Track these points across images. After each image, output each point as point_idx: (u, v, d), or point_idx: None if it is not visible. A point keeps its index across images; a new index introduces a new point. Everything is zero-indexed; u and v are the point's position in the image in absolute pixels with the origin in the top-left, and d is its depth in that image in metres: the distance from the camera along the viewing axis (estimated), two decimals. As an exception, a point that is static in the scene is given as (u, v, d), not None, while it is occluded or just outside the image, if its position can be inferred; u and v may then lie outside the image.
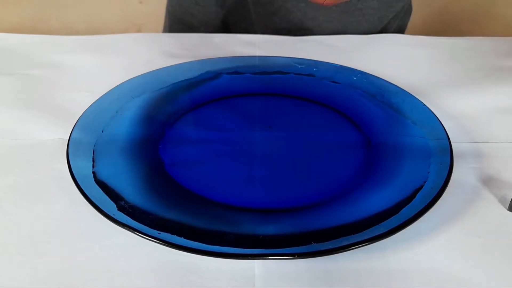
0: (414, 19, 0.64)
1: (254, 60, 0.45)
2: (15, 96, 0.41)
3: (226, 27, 0.61)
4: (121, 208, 0.27)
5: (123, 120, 0.36)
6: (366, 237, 0.24)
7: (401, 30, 0.63)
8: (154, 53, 0.49)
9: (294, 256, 0.24)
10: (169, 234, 0.25)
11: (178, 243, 0.24)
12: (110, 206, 0.27)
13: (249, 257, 0.24)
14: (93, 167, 0.30)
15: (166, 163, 0.32)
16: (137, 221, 0.26)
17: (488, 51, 0.51)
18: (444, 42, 0.53)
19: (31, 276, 0.24)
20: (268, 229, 0.26)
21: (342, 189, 0.30)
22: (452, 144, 0.32)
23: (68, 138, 0.32)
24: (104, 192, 0.28)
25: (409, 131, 0.35)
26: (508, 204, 0.29)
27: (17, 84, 0.43)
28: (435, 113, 0.36)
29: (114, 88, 0.39)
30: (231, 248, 0.24)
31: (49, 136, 0.35)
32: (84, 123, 0.34)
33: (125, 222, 0.25)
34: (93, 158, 0.31)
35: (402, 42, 0.53)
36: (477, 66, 0.48)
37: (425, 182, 0.29)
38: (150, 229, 0.25)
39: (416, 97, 0.38)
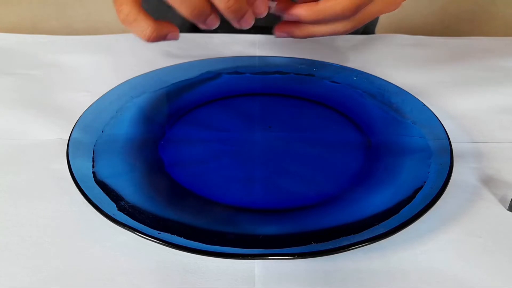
0: (414, 19, 0.64)
1: (254, 60, 0.45)
2: (15, 96, 0.41)
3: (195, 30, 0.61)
4: (121, 208, 0.27)
5: (123, 120, 0.36)
6: (366, 237, 0.24)
7: (370, 26, 0.63)
8: (154, 53, 0.49)
9: (294, 256, 0.24)
10: (169, 234, 0.25)
11: (178, 243, 0.24)
12: (110, 206, 0.27)
13: (249, 257, 0.24)
14: (93, 167, 0.30)
15: (166, 163, 0.32)
16: (137, 221, 0.26)
17: (488, 51, 0.51)
18: (444, 42, 0.53)
19: (31, 276, 0.24)
20: (268, 229, 0.26)
21: (342, 189, 0.30)
22: (452, 144, 0.32)
23: (68, 138, 0.32)
24: (104, 192, 0.28)
25: (409, 131, 0.35)
26: (508, 204, 0.29)
27: (17, 84, 0.43)
28: (435, 113, 0.36)
29: (114, 88, 0.39)
30: (231, 248, 0.24)
31: (49, 136, 0.35)
32: (84, 123, 0.34)
33: (125, 222, 0.25)
34: (93, 158, 0.31)
35: (402, 42, 0.53)
36: (477, 66, 0.48)
37: (425, 182, 0.29)
38: (150, 229, 0.25)
39: (416, 97, 0.38)
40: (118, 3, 0.28)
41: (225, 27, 0.56)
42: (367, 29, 0.64)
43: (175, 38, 0.29)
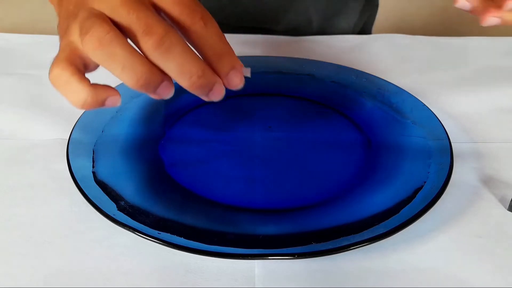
0: (414, 19, 0.64)
1: (254, 60, 0.45)
2: (15, 96, 0.41)
3: None
4: (121, 208, 0.27)
5: (123, 120, 0.36)
6: (366, 237, 0.24)
7: (368, 24, 0.63)
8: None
9: (294, 256, 0.24)
10: (169, 234, 0.25)
11: (178, 243, 0.24)
12: (110, 206, 0.27)
13: (249, 257, 0.24)
14: (93, 167, 0.30)
15: (166, 163, 0.32)
16: (137, 221, 0.26)
17: (488, 51, 0.51)
18: (444, 42, 0.53)
19: (31, 276, 0.24)
20: (268, 229, 0.26)
21: (342, 189, 0.30)
22: (452, 144, 0.32)
23: (68, 138, 0.32)
24: (104, 192, 0.28)
25: (409, 131, 0.35)
26: (508, 204, 0.29)
27: (17, 84, 0.43)
28: (435, 113, 0.36)
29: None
30: (231, 248, 0.24)
31: (49, 136, 0.35)
32: (84, 123, 0.34)
33: (125, 222, 0.25)
34: (93, 158, 0.31)
35: (402, 42, 0.53)
36: (477, 66, 0.48)
37: (425, 182, 0.29)
38: (150, 229, 0.25)
39: (416, 97, 0.38)
40: (54, 63, 0.23)
41: (225, 28, 0.57)
42: (364, 29, 0.64)
43: (115, 104, 0.24)
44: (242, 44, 0.51)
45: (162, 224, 0.26)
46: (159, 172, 0.32)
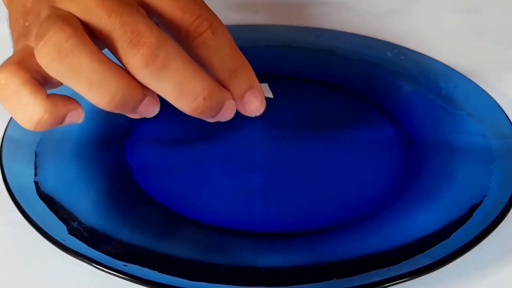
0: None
1: (255, 30, 0.45)
2: None
3: None
4: (73, 231, 0.26)
5: (77, 111, 0.36)
6: (405, 270, 0.24)
7: None
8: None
9: (307, 295, 0.24)
10: (138, 266, 0.25)
11: (151, 279, 0.24)
12: (59, 228, 0.26)
13: (247, 297, 0.24)
14: (35, 175, 0.30)
15: (134, 169, 0.33)
16: (94, 248, 0.25)
17: None
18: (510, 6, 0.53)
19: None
20: (273, 260, 0.26)
21: (372, 205, 0.30)
22: (522, 144, 0.32)
23: (1, 136, 0.32)
24: (50, 209, 0.28)
25: (463, 126, 0.35)
26: None
27: None
28: (499, 103, 0.36)
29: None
30: (224, 285, 0.24)
31: (-23, 133, 0.35)
32: (24, 116, 0.34)
33: (78, 250, 0.25)
34: (35, 163, 0.31)
35: (453, 7, 0.53)
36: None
37: (485, 196, 0.29)
38: (113, 259, 0.25)
39: (473, 80, 0.38)
40: (1, 67, 0.22)
41: None
42: None
43: (77, 120, 0.24)
44: (237, 8, 0.51)
45: (129, 253, 0.26)
46: (124, 181, 0.32)
